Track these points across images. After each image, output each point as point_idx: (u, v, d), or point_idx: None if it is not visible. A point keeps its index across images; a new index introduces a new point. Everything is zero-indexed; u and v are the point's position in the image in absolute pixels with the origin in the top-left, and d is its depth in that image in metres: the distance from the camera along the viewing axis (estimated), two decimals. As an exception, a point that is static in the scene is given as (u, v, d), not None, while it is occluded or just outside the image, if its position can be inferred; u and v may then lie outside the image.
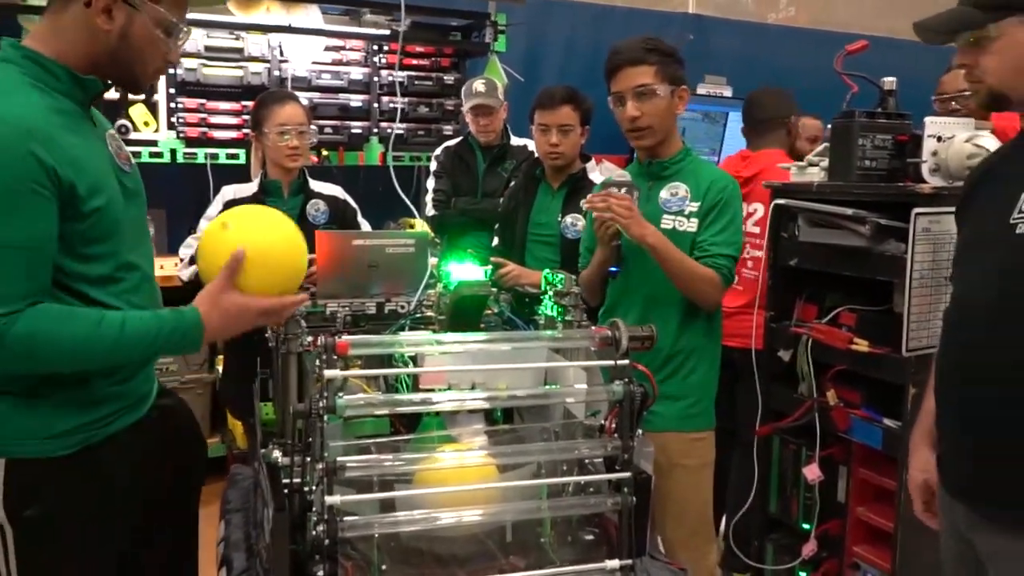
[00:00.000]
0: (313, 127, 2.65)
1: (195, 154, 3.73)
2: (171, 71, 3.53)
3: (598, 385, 1.50)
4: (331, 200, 2.69)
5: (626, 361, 1.49)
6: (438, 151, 3.55)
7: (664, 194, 2.10)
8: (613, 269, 2.03)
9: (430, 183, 3.50)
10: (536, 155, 3.45)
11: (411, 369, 1.64)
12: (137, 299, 1.49)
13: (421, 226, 4.36)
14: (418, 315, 2.09)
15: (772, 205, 2.07)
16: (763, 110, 3.03)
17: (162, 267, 3.53)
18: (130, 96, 3.20)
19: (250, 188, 2.64)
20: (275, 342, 1.62)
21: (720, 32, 5.77)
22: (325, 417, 1.33)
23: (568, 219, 2.63)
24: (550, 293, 1.85)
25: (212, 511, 1.98)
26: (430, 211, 3.44)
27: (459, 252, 2.35)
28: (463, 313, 1.99)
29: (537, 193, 2.74)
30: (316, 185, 2.70)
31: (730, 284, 2.07)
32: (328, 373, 1.33)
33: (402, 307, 2.27)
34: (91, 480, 1.45)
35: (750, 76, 5.04)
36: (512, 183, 3.36)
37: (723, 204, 2.06)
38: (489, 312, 2.12)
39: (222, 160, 3.78)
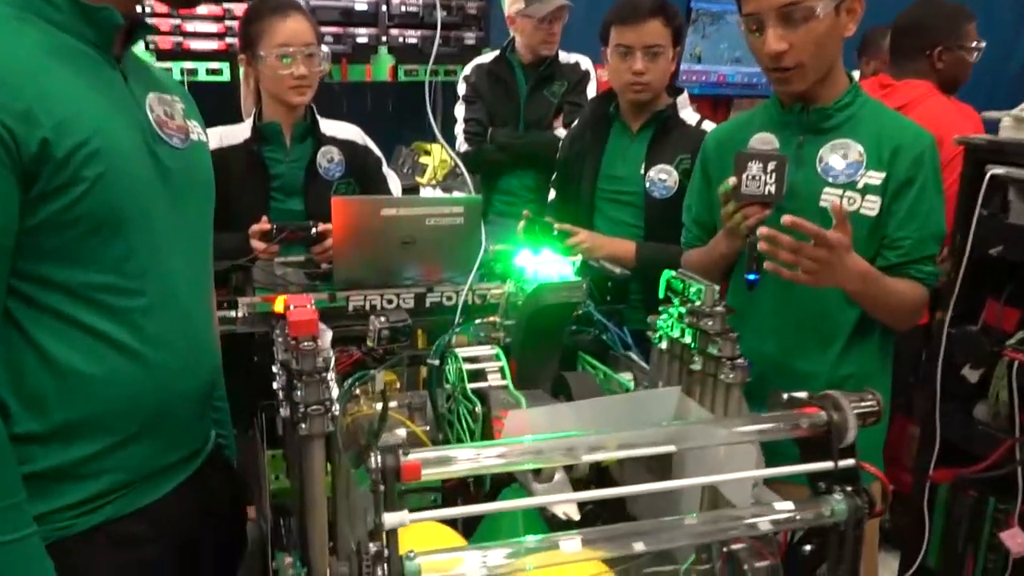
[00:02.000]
0: (324, 48, 2.01)
1: (169, 70, 3.12)
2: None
3: (812, 500, 0.94)
4: (347, 147, 2.07)
5: (852, 461, 0.94)
6: (467, 70, 2.90)
7: (827, 156, 1.50)
8: (751, 278, 1.44)
9: (459, 110, 2.87)
10: (585, 75, 2.90)
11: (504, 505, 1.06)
12: (152, 327, 1.08)
13: (438, 152, 3.75)
14: (477, 320, 1.52)
15: (967, 170, 1.48)
16: (906, 30, 2.38)
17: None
18: None
19: (240, 132, 2.01)
20: (288, 413, 1.06)
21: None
22: (385, 588, 0.79)
23: (655, 173, 2.03)
24: (677, 306, 1.29)
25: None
26: (462, 146, 2.82)
27: (536, 233, 1.78)
28: (542, 328, 1.43)
29: (610, 136, 2.12)
30: (328, 127, 2.07)
31: None
32: (390, 520, 0.78)
33: (449, 298, 1.70)
34: None
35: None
36: (563, 111, 2.75)
37: (925, 178, 1.46)
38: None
39: (202, 77, 3.21)
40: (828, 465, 0.93)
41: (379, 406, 1.37)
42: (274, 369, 1.13)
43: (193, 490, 1.19)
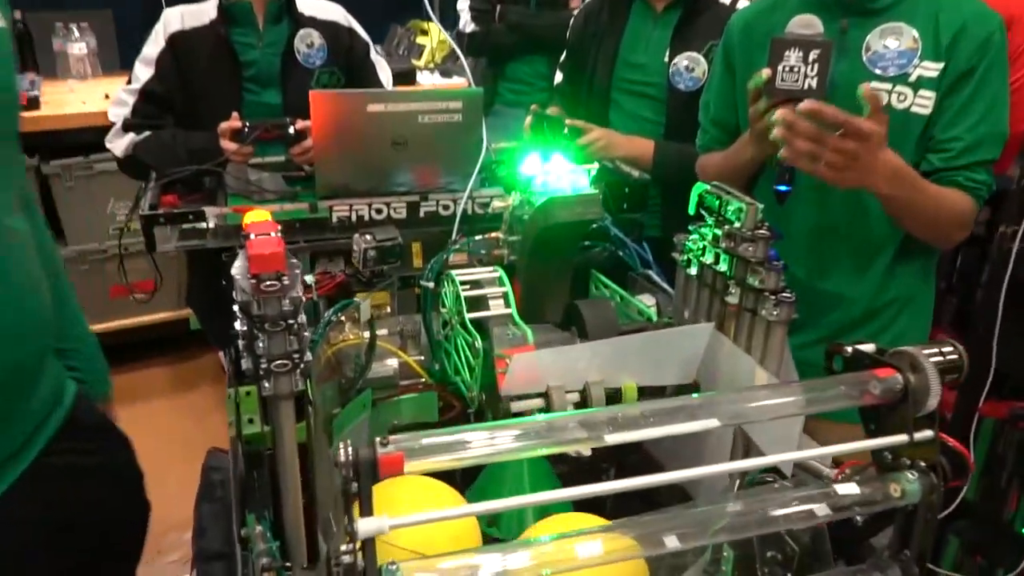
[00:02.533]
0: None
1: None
2: None
3: (877, 478, 0.78)
4: (329, 29, 1.82)
5: (930, 433, 0.78)
6: (472, -63, 2.60)
7: (875, 43, 1.28)
8: (782, 189, 1.24)
9: (464, -16, 2.59)
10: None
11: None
12: None
13: (437, 31, 3.46)
14: (478, 238, 1.33)
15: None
16: None
17: (106, 96, 2.73)
18: None
19: (206, 11, 1.76)
20: (251, 366, 0.88)
21: None
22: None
23: (680, 61, 1.79)
24: (711, 227, 1.10)
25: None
26: (467, 25, 2.55)
27: (544, 130, 1.56)
28: (552, 248, 1.24)
29: (630, 17, 1.87)
30: (307, 5, 1.82)
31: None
32: (365, 527, 0.62)
33: (445, 207, 1.51)
34: None
35: None
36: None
37: (988, 68, 1.24)
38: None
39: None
40: (901, 439, 0.77)
41: (367, 334, 1.22)
42: (234, 308, 0.95)
43: (33, 485, 0.95)
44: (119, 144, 1.67)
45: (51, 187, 2.73)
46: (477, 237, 1.31)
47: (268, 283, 0.85)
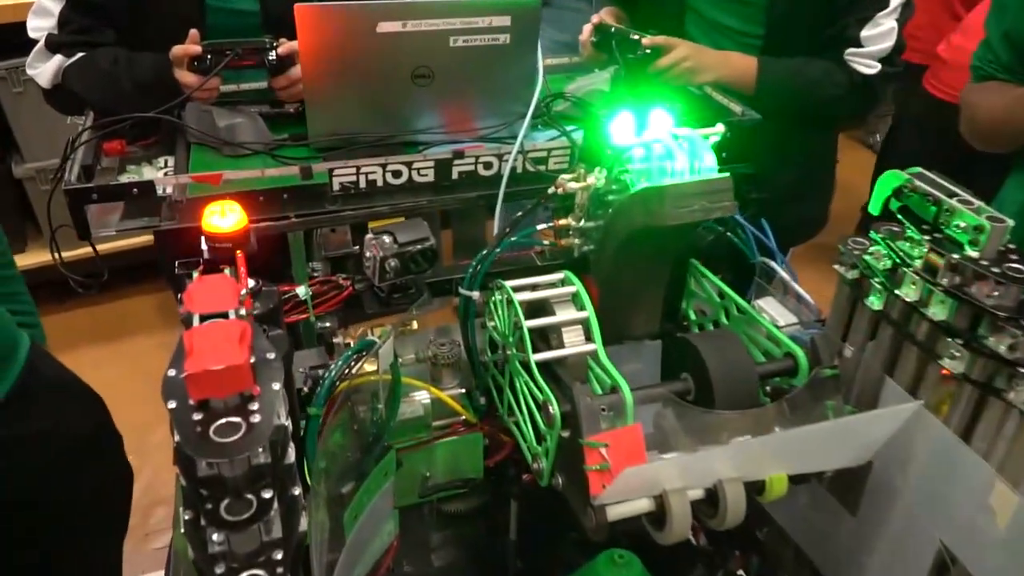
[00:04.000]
0: None
1: None
2: None
3: None
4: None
5: None
6: None
7: None
8: None
9: None
10: None
11: None
12: None
13: None
14: (540, 227, 0.93)
15: None
16: None
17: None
18: None
19: None
20: (199, 559, 0.52)
21: None
22: None
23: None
24: (919, 239, 0.71)
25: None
26: None
27: (611, 49, 1.15)
28: (651, 246, 0.86)
29: None
30: None
31: None
32: None
33: (487, 165, 1.11)
34: None
35: None
36: None
37: None
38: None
39: None
40: None
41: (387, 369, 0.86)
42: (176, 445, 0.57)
43: None
44: (44, 70, 1.23)
45: (-3, 93, 2.30)
46: (540, 226, 0.92)
47: (225, 422, 0.48)
